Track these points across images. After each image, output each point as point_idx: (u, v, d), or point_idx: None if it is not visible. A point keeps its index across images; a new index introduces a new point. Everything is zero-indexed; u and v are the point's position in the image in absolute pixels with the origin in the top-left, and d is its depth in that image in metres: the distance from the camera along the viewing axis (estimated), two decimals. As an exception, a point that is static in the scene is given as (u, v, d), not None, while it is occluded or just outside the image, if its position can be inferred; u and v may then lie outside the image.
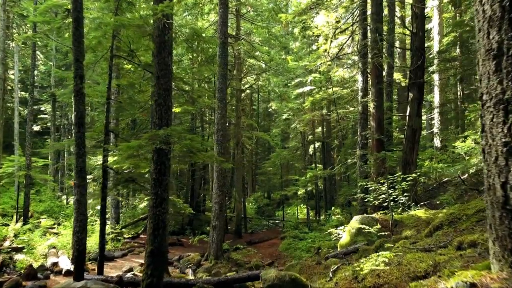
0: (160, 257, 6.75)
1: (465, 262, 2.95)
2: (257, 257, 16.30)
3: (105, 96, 10.82)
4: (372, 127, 12.61)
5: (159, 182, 6.87)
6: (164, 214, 6.85)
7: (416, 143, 12.17)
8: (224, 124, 14.42)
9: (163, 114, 6.99)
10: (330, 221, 17.55)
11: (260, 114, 44.88)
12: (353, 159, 13.67)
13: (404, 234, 7.46)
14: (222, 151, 14.31)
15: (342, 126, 19.98)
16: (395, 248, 5.04)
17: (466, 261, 3.00)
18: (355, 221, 8.63)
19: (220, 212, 14.20)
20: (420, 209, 9.04)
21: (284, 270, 7.65)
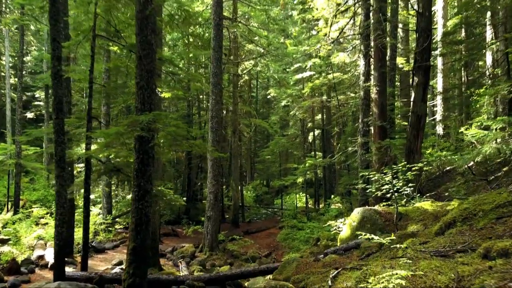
0: (144, 255, 6.18)
1: (500, 280, 2.36)
2: (254, 248, 15.81)
3: (98, 81, 10.19)
4: (375, 114, 11.96)
5: (142, 173, 6.26)
6: (148, 208, 6.25)
7: (421, 130, 11.51)
8: (219, 111, 13.76)
9: (145, 98, 6.33)
10: (329, 211, 17.04)
11: (259, 101, 44.20)
12: (354, 147, 13.05)
13: (409, 229, 6.88)
14: (217, 139, 13.68)
15: (343, 112, 19.32)
16: (402, 249, 4.44)
17: (501, 277, 2.40)
18: (356, 214, 8.04)
19: (215, 202, 13.64)
20: (426, 200, 8.45)
21: (280, 267, 7.10)
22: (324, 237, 14.54)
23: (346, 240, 8.00)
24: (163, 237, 16.62)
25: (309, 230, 16.20)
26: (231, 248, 14.58)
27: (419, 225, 6.80)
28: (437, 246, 3.99)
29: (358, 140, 12.55)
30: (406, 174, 7.80)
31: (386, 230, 7.39)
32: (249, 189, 34.93)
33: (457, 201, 7.78)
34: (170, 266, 12.14)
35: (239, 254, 14.26)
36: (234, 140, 20.82)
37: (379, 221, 7.60)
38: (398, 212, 7.08)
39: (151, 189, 6.36)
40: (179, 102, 27.41)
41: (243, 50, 23.39)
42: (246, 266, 12.20)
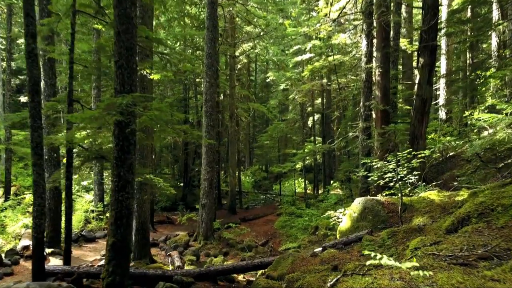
0: (125, 251, 5.64)
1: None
2: (250, 236, 15.36)
3: (91, 63, 9.51)
4: (377, 97, 11.31)
5: (122, 162, 5.67)
6: (129, 200, 5.69)
7: (426, 114, 10.90)
8: (213, 94, 13.10)
9: (125, 79, 5.70)
10: (328, 198, 16.55)
11: (258, 85, 43.38)
12: (355, 133, 12.45)
13: (415, 222, 6.34)
14: (211, 124, 13.07)
15: (343, 95, 18.63)
16: (410, 251, 3.89)
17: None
18: (357, 204, 7.50)
19: (210, 189, 13.11)
20: (432, 190, 7.90)
21: (275, 263, 6.59)
22: (323, 225, 14.11)
23: (346, 232, 7.48)
24: (157, 225, 16.18)
25: (308, 218, 15.74)
26: (226, 237, 14.13)
27: (426, 217, 6.26)
28: (453, 248, 3.42)
29: (359, 125, 11.95)
30: (411, 161, 7.23)
31: (389, 223, 6.86)
32: (248, 174, 34.46)
33: (465, 190, 7.23)
34: (163, 256, 11.69)
35: (235, 243, 13.82)
36: (231, 125, 20.19)
37: (381, 213, 7.06)
38: (402, 203, 6.52)
39: (132, 179, 5.79)
40: (175, 86, 26.67)
41: (241, 32, 22.56)
42: (239, 261, 11.77)
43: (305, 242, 13.28)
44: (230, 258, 12.37)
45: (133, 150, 5.81)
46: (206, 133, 13.02)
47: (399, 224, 6.59)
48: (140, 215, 10.08)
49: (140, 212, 10.09)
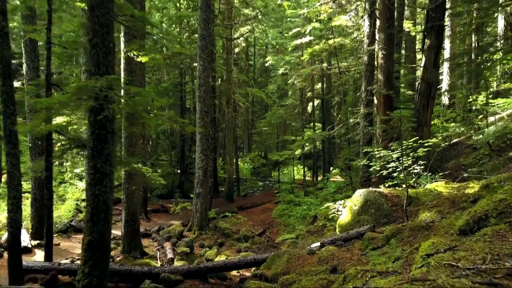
0: (103, 251, 5.13)
1: None
2: (247, 225, 14.92)
3: (71, 44, 8.88)
4: (380, 81, 10.69)
5: (98, 152, 5.11)
6: (107, 194, 5.15)
7: (431, 99, 10.32)
8: (207, 78, 12.46)
9: (100, 59, 5.09)
10: (328, 186, 16.05)
11: (257, 70, 42.56)
12: (356, 119, 11.87)
13: (421, 217, 5.81)
14: (205, 110, 12.47)
15: (344, 80, 17.95)
16: (421, 258, 3.36)
17: None
18: (359, 196, 6.97)
19: (205, 178, 12.59)
20: (439, 181, 7.36)
21: (269, 260, 6.09)
22: (322, 215, 13.63)
23: (346, 226, 6.97)
24: (151, 214, 15.73)
25: (306, 207, 15.27)
26: (222, 226, 13.67)
27: (433, 212, 5.73)
28: (473, 258, 2.89)
29: (360, 111, 11.35)
30: (417, 150, 6.67)
31: (393, 217, 6.34)
32: (246, 161, 33.98)
33: (475, 182, 6.68)
34: (155, 247, 11.23)
35: (231, 233, 13.37)
36: (228, 111, 19.56)
37: (384, 206, 6.54)
38: (408, 195, 5.98)
39: (110, 171, 5.23)
40: (171, 70, 25.92)
41: (238, 14, 21.73)
42: (234, 252, 11.32)
43: (303, 232, 12.83)
44: (225, 249, 11.94)
45: (111, 139, 5.23)
46: (200, 119, 12.43)
47: (403, 219, 6.08)
48: (129, 206, 9.57)
49: (129, 203, 9.58)
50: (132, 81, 9.37)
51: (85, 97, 4.62)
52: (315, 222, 13.73)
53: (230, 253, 11.49)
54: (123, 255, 9.53)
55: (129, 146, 9.46)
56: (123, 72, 9.36)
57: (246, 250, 11.84)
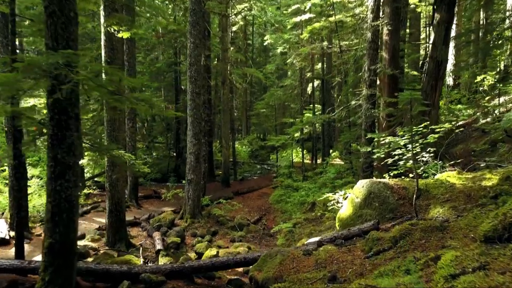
0: (67, 255, 4.46)
1: None
2: (243, 212, 14.33)
3: (39, 15, 8.02)
4: (385, 59, 9.86)
5: (59, 141, 4.37)
6: (70, 190, 4.44)
7: (440, 79, 9.53)
8: (198, 56, 11.61)
9: (59, 31, 4.29)
10: (327, 171, 15.38)
11: (256, 50, 41.39)
12: (358, 101, 11.08)
13: (433, 213, 5.12)
14: (197, 91, 11.67)
15: (347, 57, 17.03)
16: (443, 278, 2.67)
17: None
18: (361, 188, 6.27)
19: (197, 163, 11.90)
20: (450, 170, 6.65)
21: (260, 261, 5.43)
22: (321, 201, 13.01)
23: (347, 221, 6.29)
24: (142, 200, 15.11)
25: (304, 192, 14.63)
26: (216, 213, 13.06)
27: (447, 208, 5.03)
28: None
29: (362, 92, 10.55)
30: (427, 136, 5.93)
31: (400, 212, 5.65)
32: (245, 143, 33.28)
33: (492, 172, 5.96)
34: (144, 237, 10.63)
35: (225, 220, 12.77)
36: (224, 92, 18.72)
37: (390, 199, 5.84)
38: (418, 188, 5.27)
39: (74, 163, 4.50)
40: (166, 50, 24.88)
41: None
42: (228, 241, 10.72)
43: (301, 220, 12.23)
44: (219, 238, 11.36)
45: (75, 125, 4.48)
46: (191, 101, 11.65)
47: (412, 214, 5.39)
48: (113, 195, 8.90)
49: (113, 192, 8.90)
50: (113, 59, 8.55)
51: (36, 75, 3.84)
52: (314, 209, 13.12)
53: (224, 242, 10.91)
54: (108, 247, 8.94)
55: (111, 131, 8.71)
56: (104, 50, 8.52)
57: (240, 239, 11.26)
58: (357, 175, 14.17)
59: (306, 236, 10.27)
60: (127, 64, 13.46)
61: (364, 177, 10.33)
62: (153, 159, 24.87)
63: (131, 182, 13.89)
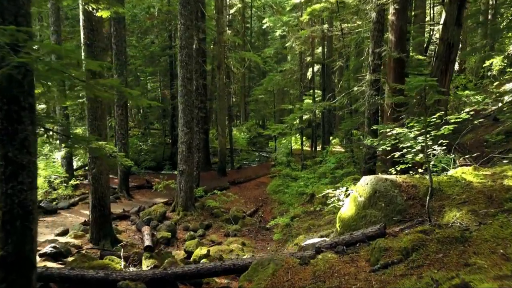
0: (22, 269, 3.81)
1: None
2: (238, 203, 13.72)
3: None
4: (390, 42, 9.07)
5: (9, 136, 3.68)
6: (25, 193, 3.77)
7: (451, 63, 8.78)
8: (189, 39, 10.81)
9: (4, 4, 3.55)
10: (327, 160, 14.73)
11: (255, 33, 40.31)
12: (361, 86, 10.33)
13: (448, 218, 4.46)
14: (188, 76, 10.92)
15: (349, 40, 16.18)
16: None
17: None
18: (365, 185, 5.61)
19: (189, 154, 11.23)
20: (464, 165, 5.98)
21: (251, 270, 4.80)
22: (320, 192, 12.39)
23: (349, 222, 5.65)
24: (134, 191, 14.49)
25: (303, 183, 14.01)
26: (211, 205, 12.45)
27: (465, 212, 4.37)
28: None
29: (366, 77, 9.81)
30: (441, 128, 5.23)
31: (410, 215, 5.00)
32: (243, 130, 32.57)
33: (511, 167, 5.30)
34: (133, 232, 10.05)
35: (220, 212, 12.19)
36: (220, 77, 17.92)
37: (398, 199, 5.18)
38: (431, 189, 4.60)
39: (30, 162, 3.82)
40: (161, 33, 23.92)
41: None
42: (222, 235, 10.12)
43: (299, 213, 11.63)
44: (212, 232, 10.78)
45: (29, 117, 3.78)
46: (182, 87, 10.91)
47: (423, 217, 4.74)
48: (96, 189, 8.25)
49: (97, 186, 8.26)
50: (93, 42, 7.79)
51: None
52: (312, 201, 12.51)
53: (217, 237, 10.33)
54: (92, 244, 8.34)
55: (93, 119, 8.01)
56: (82, 31, 7.76)
57: (235, 233, 10.68)
58: (358, 164, 13.53)
59: (304, 231, 9.68)
60: (115, 48, 12.68)
61: (366, 169, 9.68)
62: (149, 146, 24.20)
63: (121, 172, 13.25)
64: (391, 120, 9.11)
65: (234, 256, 8.06)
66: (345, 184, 10.94)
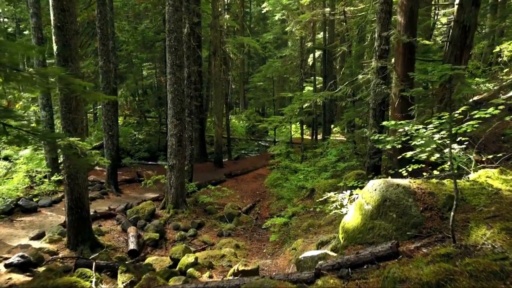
0: None
1: None
2: (234, 198, 12.99)
3: None
4: (399, 24, 8.15)
5: None
6: None
7: (467, 49, 7.87)
8: (178, 22, 9.89)
9: None
10: (328, 153, 13.90)
11: (254, 18, 39.15)
12: (366, 74, 9.44)
13: (475, 237, 3.66)
14: (178, 63, 10.03)
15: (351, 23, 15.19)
16: None
17: None
18: (373, 191, 4.80)
19: (179, 147, 10.42)
20: (488, 168, 5.14)
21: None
22: (320, 188, 11.62)
23: (354, 233, 4.85)
24: (124, 185, 13.72)
25: (303, 176, 13.21)
26: (204, 201, 11.72)
27: (497, 230, 3.56)
28: None
29: (371, 63, 8.91)
30: (463, 124, 4.40)
31: (427, 229, 4.20)
32: (242, 118, 31.70)
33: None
34: (118, 233, 9.29)
35: (214, 209, 11.44)
36: (215, 63, 16.97)
37: (413, 210, 4.38)
38: (457, 198, 3.76)
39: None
40: (154, 16, 22.82)
41: None
42: (215, 236, 9.36)
43: (298, 209, 10.89)
44: (205, 232, 10.04)
45: None
46: (171, 75, 10.03)
47: (444, 234, 3.95)
48: (72, 189, 7.46)
49: (73, 185, 7.46)
50: (64, 24, 6.89)
51: None
52: (313, 197, 11.76)
53: (210, 237, 9.60)
54: (69, 250, 7.60)
55: (66, 112, 7.16)
56: (52, 11, 6.85)
57: (229, 233, 9.96)
58: (361, 157, 12.70)
59: (303, 232, 8.92)
60: (99, 32, 11.73)
61: (371, 164, 8.87)
62: (144, 135, 23.37)
63: (109, 165, 12.45)
64: (398, 112, 8.27)
65: (226, 263, 7.33)
66: (348, 180, 10.16)
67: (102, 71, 11.92)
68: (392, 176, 7.74)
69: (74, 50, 7.21)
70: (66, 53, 7.06)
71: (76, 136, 7.33)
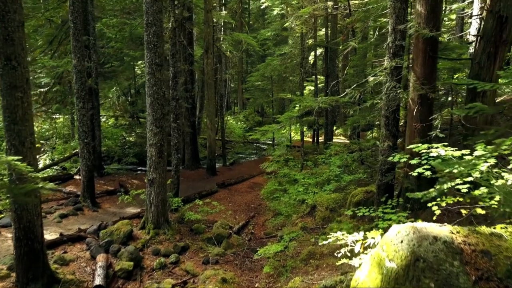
0: None
1: None
2: (226, 214, 11.62)
3: None
4: (419, 15, 6.75)
5: None
6: None
7: (503, 45, 6.48)
8: (158, 14, 8.49)
9: None
10: (331, 162, 12.50)
11: (253, 14, 37.81)
12: (377, 76, 8.06)
13: None
14: (157, 61, 8.64)
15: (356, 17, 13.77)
16: None
17: None
18: (398, 243, 3.42)
19: (160, 159, 9.05)
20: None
21: None
22: (323, 204, 10.28)
23: (371, 304, 3.46)
24: (104, 197, 12.36)
25: (303, 188, 11.82)
26: (192, 218, 10.32)
27: None
28: None
29: (384, 63, 7.50)
30: None
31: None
32: (240, 119, 30.37)
33: None
34: (85, 262, 7.92)
35: (202, 228, 10.08)
36: (208, 62, 15.57)
37: (461, 280, 2.99)
38: None
39: None
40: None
41: None
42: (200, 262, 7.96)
43: (297, 229, 9.53)
44: (189, 257, 8.69)
45: None
46: (150, 75, 8.65)
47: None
48: (20, 216, 6.09)
49: (21, 211, 6.10)
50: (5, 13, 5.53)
51: None
52: (314, 214, 10.40)
53: (193, 265, 8.25)
54: (16, 290, 6.24)
55: (10, 122, 5.79)
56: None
57: (217, 260, 8.59)
58: (369, 168, 11.33)
59: (302, 264, 7.54)
60: (72, 26, 10.35)
61: (383, 183, 7.46)
62: (135, 137, 22.04)
63: (84, 176, 11.09)
64: (417, 121, 6.88)
65: (207, 308, 5.97)
66: (355, 198, 8.78)
67: (76, 71, 10.53)
68: (414, 204, 6.35)
69: (20, 45, 5.85)
70: (8, 50, 5.70)
71: (24, 152, 6.00)
